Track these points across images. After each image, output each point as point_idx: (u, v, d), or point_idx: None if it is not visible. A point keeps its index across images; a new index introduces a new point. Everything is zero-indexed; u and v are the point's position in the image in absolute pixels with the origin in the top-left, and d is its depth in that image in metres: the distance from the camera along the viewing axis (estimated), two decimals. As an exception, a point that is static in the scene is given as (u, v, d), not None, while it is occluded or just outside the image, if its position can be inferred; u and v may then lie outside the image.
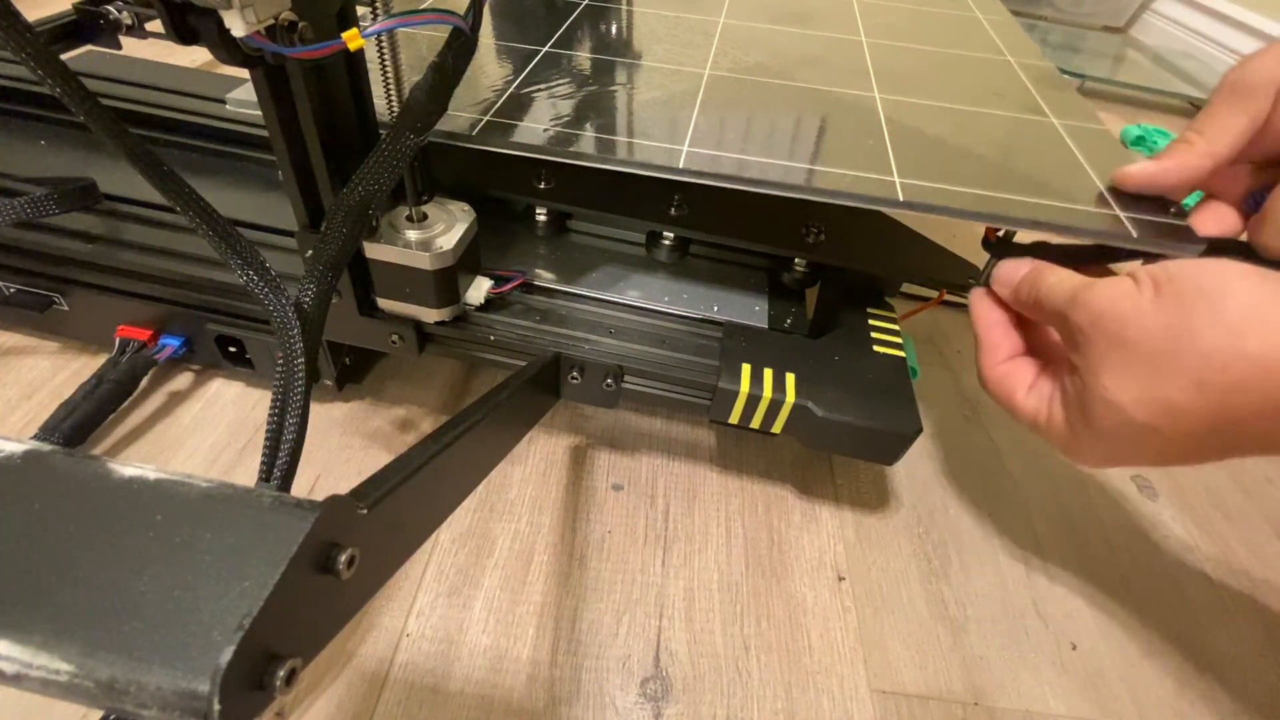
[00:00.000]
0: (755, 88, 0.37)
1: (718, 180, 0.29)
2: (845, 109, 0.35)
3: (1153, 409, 0.23)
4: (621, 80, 0.36)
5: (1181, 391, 0.22)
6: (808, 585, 0.36)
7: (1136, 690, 0.33)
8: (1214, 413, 0.22)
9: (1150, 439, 0.23)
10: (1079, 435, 0.26)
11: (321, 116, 0.25)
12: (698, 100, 0.35)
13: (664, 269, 0.40)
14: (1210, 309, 0.22)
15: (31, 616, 0.13)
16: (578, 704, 0.30)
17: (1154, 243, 0.27)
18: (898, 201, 0.28)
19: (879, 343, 0.36)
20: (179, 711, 0.12)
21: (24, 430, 0.38)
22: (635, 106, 0.34)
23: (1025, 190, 0.29)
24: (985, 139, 0.33)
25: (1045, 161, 0.32)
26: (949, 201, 0.28)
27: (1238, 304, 0.21)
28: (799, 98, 0.36)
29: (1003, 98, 0.38)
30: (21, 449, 0.16)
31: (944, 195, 0.29)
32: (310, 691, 0.29)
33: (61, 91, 0.19)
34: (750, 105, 0.35)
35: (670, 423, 0.43)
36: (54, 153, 0.43)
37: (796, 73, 0.39)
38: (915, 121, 0.34)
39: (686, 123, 0.32)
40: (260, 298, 0.24)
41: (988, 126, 0.35)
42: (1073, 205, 0.29)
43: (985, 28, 0.49)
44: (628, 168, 0.29)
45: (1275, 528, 0.41)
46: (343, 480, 0.38)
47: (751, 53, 0.41)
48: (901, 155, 0.31)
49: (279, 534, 0.14)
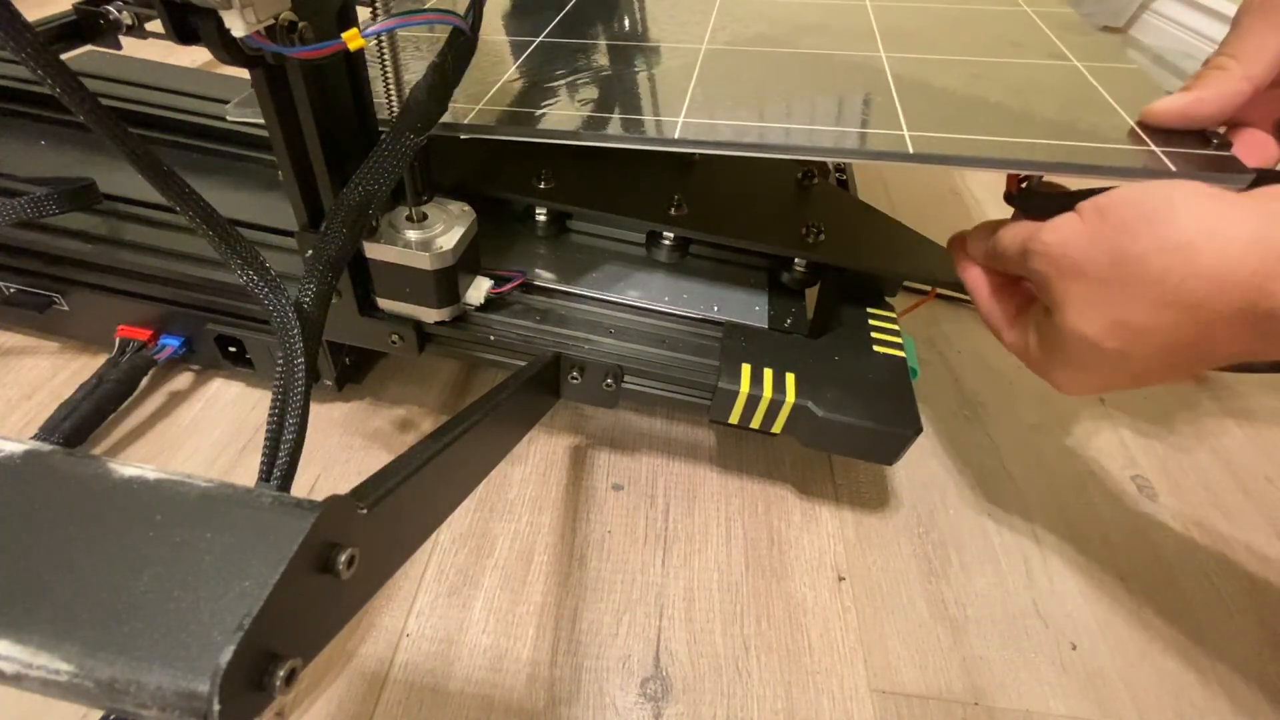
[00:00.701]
0: (755, 57, 0.35)
1: (715, 148, 0.28)
2: (849, 70, 0.34)
3: (1119, 335, 0.23)
4: (616, 60, 0.36)
5: (1143, 315, 0.22)
6: (808, 585, 0.36)
7: (1136, 690, 0.33)
8: (1178, 328, 0.22)
9: (1123, 362, 0.24)
10: (1059, 367, 0.27)
11: (321, 116, 0.25)
12: (694, 73, 0.33)
13: (664, 269, 0.40)
14: (1156, 231, 0.22)
15: (31, 616, 0.13)
16: (578, 704, 0.30)
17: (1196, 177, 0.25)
18: (907, 154, 0.26)
19: (879, 343, 0.36)
20: (179, 711, 0.12)
21: (24, 430, 0.38)
22: (630, 85, 0.33)
23: (1049, 134, 0.27)
24: (1003, 87, 0.31)
25: (1070, 104, 0.30)
26: (963, 151, 0.26)
27: (1185, 222, 0.21)
28: (800, 64, 0.35)
29: (1021, 46, 0.36)
30: (21, 449, 0.16)
31: (958, 145, 0.27)
32: (310, 691, 0.29)
33: (61, 91, 0.19)
34: (750, 75, 0.34)
35: (670, 423, 0.43)
36: (54, 153, 0.43)
37: (797, 40, 0.37)
38: (925, 76, 0.32)
39: (682, 96, 0.31)
40: (260, 298, 0.24)
41: (1006, 75, 0.33)
42: (1102, 144, 0.27)
43: None
44: (622, 143, 0.29)
45: (1275, 528, 0.41)
46: (343, 480, 0.38)
47: (751, 24, 0.40)
48: (910, 109, 0.29)
49: (279, 534, 0.14)
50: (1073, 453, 0.44)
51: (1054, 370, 0.27)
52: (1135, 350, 0.23)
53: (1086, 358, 0.25)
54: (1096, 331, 0.24)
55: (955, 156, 0.26)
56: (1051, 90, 0.31)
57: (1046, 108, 0.29)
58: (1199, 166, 0.25)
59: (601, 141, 0.29)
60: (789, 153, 0.28)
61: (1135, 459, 0.44)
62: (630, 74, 0.34)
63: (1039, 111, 0.29)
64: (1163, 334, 0.22)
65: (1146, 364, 0.24)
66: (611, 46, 0.38)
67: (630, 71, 0.34)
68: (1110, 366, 0.25)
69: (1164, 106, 0.27)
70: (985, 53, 0.35)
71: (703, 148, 0.28)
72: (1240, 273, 0.20)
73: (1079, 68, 0.33)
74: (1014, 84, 0.32)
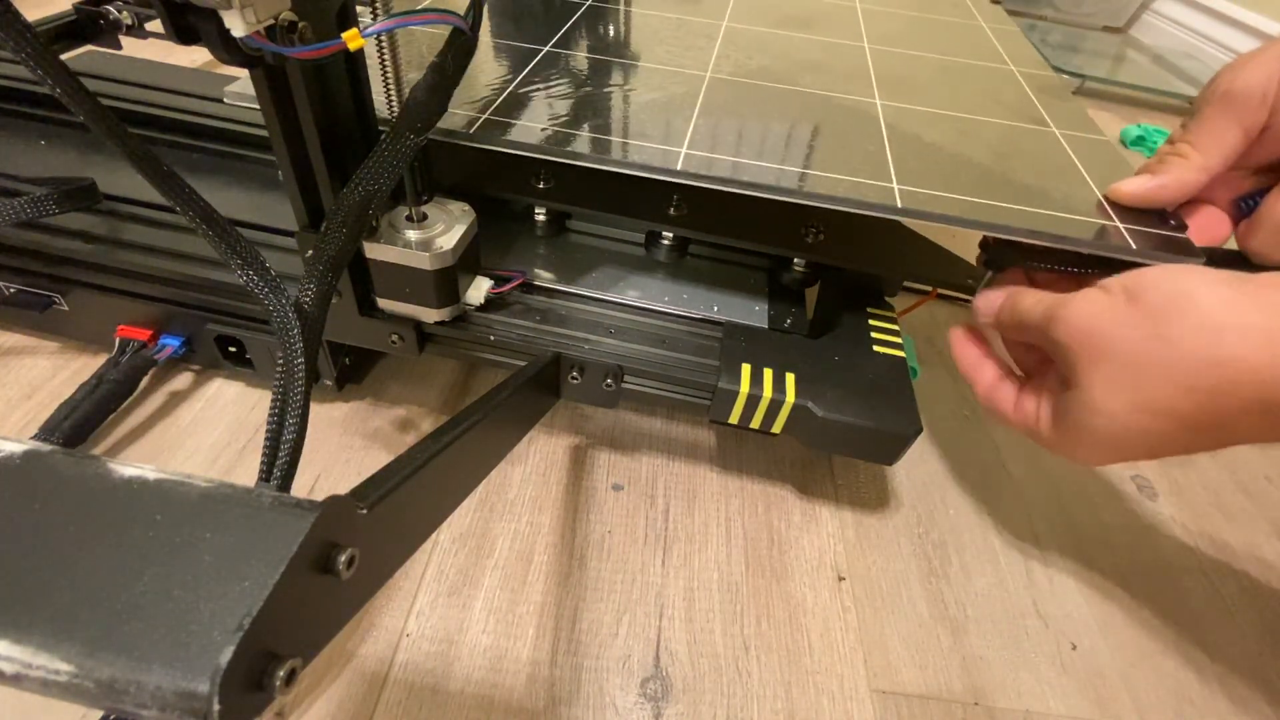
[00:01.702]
0: (756, 91, 0.37)
1: (714, 183, 0.29)
2: (846, 114, 0.35)
3: (1144, 414, 0.23)
4: (622, 81, 0.36)
5: (1169, 397, 0.23)
6: (808, 585, 0.36)
7: (1136, 690, 0.33)
8: (1202, 411, 0.22)
9: (1143, 439, 0.24)
10: (1075, 441, 0.27)
11: (321, 116, 0.25)
12: (698, 103, 0.34)
13: (664, 269, 0.40)
14: (1183, 316, 0.22)
15: (31, 616, 0.13)
16: (578, 704, 0.30)
17: (1154, 255, 0.27)
18: (896, 209, 0.28)
19: (879, 343, 0.36)
20: (179, 711, 0.12)
21: (24, 430, 0.38)
22: (635, 108, 0.34)
23: (1024, 200, 0.29)
24: (985, 147, 0.33)
25: (1045, 170, 0.32)
26: (947, 209, 0.28)
27: (1208, 308, 0.22)
28: (800, 102, 0.36)
29: (1005, 106, 0.38)
30: (21, 449, 0.16)
31: (942, 203, 0.29)
32: (310, 691, 0.29)
33: (61, 91, 0.19)
34: (751, 109, 0.35)
35: (670, 423, 0.43)
36: (54, 153, 0.43)
37: (798, 77, 0.39)
38: (916, 128, 0.34)
39: (686, 125, 0.32)
40: (260, 298, 0.24)
41: (988, 134, 0.35)
42: (1071, 215, 0.29)
43: (989, 36, 0.49)
44: (626, 169, 0.29)
45: (1275, 528, 0.41)
46: (343, 480, 0.38)
47: (754, 56, 0.41)
48: (901, 162, 0.31)
49: (279, 534, 0.14)
50: (1073, 453, 0.44)
51: (1067, 442, 0.27)
52: (1158, 429, 0.24)
53: (1108, 432, 0.25)
54: (1121, 408, 0.24)
55: (940, 215, 0.28)
56: (1030, 155, 0.33)
57: (1025, 173, 0.32)
58: (1156, 246, 0.27)
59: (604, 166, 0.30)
60: (784, 195, 0.29)
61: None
62: (634, 96, 0.35)
63: (1018, 176, 0.31)
64: (1187, 415, 0.23)
65: (1166, 441, 0.24)
66: (616, 64, 0.38)
67: (634, 93, 0.35)
68: (1130, 443, 0.25)
69: (1129, 189, 0.29)
70: (972, 109, 0.37)
71: (701, 181, 0.29)
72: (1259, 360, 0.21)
73: (1057, 135, 0.35)
74: (996, 145, 0.34)
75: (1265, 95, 0.26)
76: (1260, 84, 0.26)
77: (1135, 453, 0.25)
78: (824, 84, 0.38)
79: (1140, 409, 0.23)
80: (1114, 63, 1.06)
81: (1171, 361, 0.22)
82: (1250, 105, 0.26)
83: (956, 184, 0.30)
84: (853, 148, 0.32)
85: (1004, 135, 0.35)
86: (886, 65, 0.42)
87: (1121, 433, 0.24)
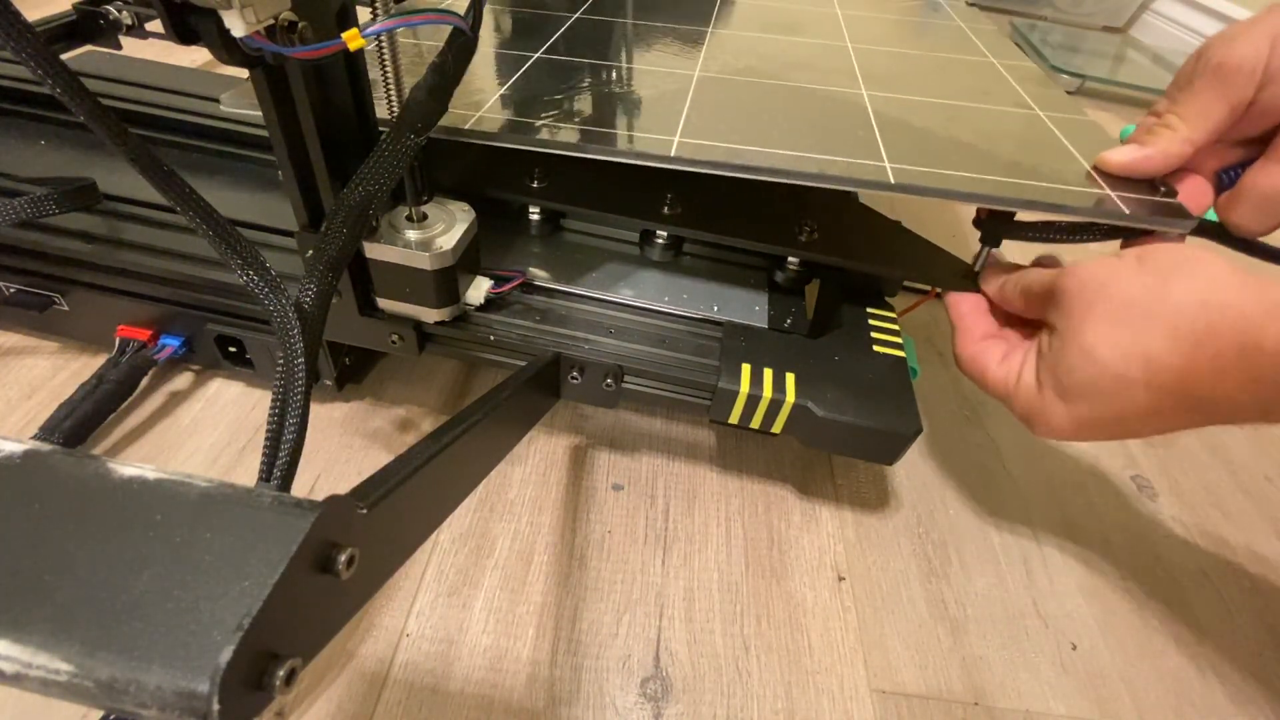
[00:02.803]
0: (745, 86, 0.37)
1: (710, 168, 0.29)
2: (834, 104, 0.36)
3: (1129, 357, 0.24)
4: (613, 81, 0.37)
5: (1156, 340, 0.23)
6: (808, 585, 0.36)
7: (1136, 690, 0.33)
8: (1184, 365, 0.23)
9: (1122, 393, 0.25)
10: (1048, 397, 0.27)
11: (321, 116, 0.25)
12: (688, 97, 0.35)
13: (664, 269, 0.40)
14: (1188, 273, 0.24)
15: (31, 616, 0.13)
16: (578, 704, 0.30)
17: (1147, 219, 0.28)
18: (889, 184, 0.28)
19: (879, 342, 0.36)
20: (179, 711, 0.12)
21: (24, 430, 0.38)
22: (628, 104, 0.34)
23: (1015, 174, 0.30)
24: (973, 129, 0.34)
25: (1034, 148, 0.33)
26: (940, 184, 0.28)
27: (1210, 273, 0.23)
28: (788, 95, 0.37)
29: (990, 95, 0.39)
30: (21, 449, 0.16)
31: (935, 178, 0.29)
32: (310, 691, 0.29)
33: (61, 91, 0.19)
34: (741, 101, 0.35)
35: (670, 423, 0.43)
36: (54, 153, 0.43)
37: (785, 74, 0.39)
38: (904, 115, 0.35)
39: (678, 117, 0.33)
40: (260, 298, 0.24)
41: (975, 119, 0.35)
42: (1065, 186, 0.29)
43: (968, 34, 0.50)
44: (621, 158, 0.30)
45: (1275, 528, 0.41)
46: (343, 480, 0.38)
47: (741, 58, 0.42)
48: (891, 143, 0.32)
49: (279, 534, 0.14)
50: (1072, 452, 0.44)
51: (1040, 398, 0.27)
52: (1139, 377, 0.24)
53: (1085, 379, 0.25)
54: (1108, 348, 0.24)
55: (934, 189, 0.28)
56: (1018, 136, 0.34)
57: (1014, 151, 0.32)
58: (1150, 211, 0.28)
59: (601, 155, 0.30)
60: (779, 176, 0.29)
61: (1135, 458, 0.44)
62: (626, 93, 0.36)
63: (1007, 154, 0.32)
64: (1168, 367, 0.23)
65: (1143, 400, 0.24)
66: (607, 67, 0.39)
67: (626, 91, 0.36)
68: (1106, 395, 0.25)
69: (1117, 159, 0.30)
70: (958, 97, 0.38)
71: (697, 167, 0.30)
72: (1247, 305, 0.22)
73: (1041, 116, 0.36)
74: (984, 128, 0.34)
75: (1254, 71, 0.26)
76: (1250, 60, 0.26)
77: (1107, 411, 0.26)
78: (811, 79, 0.39)
79: (1125, 351, 0.24)
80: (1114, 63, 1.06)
81: (1164, 307, 0.23)
82: (1239, 81, 0.27)
83: (947, 162, 0.30)
84: (843, 133, 0.32)
85: (990, 119, 0.35)
86: (871, 62, 0.42)
87: (1100, 380, 0.25)
